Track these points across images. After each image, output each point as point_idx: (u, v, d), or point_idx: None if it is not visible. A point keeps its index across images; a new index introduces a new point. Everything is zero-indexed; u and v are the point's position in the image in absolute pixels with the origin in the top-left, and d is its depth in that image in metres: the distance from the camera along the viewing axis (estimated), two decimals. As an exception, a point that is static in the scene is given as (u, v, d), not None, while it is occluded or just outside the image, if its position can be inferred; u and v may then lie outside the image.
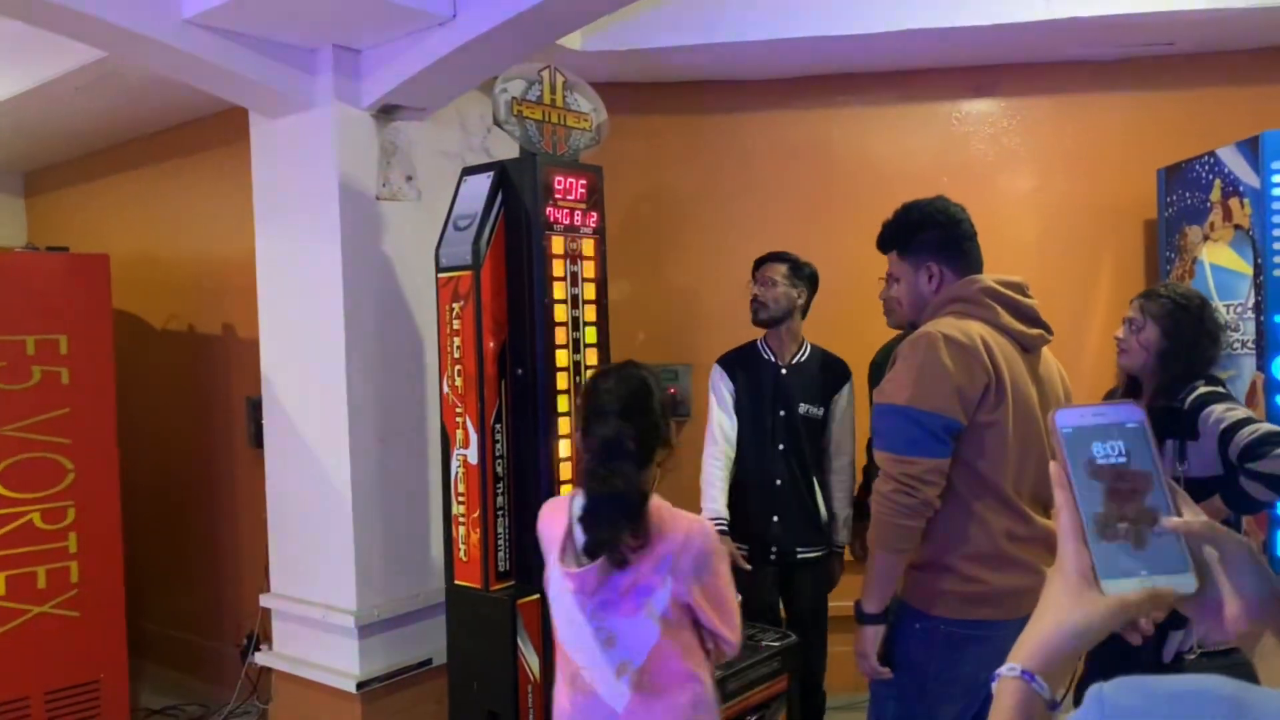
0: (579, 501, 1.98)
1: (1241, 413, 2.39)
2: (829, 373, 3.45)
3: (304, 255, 3.61)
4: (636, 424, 1.93)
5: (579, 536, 1.96)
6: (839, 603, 3.56)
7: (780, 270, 3.38)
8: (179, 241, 4.83)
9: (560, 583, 1.98)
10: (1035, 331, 2.27)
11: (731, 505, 3.36)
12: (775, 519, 3.33)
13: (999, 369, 2.15)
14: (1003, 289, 2.25)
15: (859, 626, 2.26)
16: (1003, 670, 0.81)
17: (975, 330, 2.17)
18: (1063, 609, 0.78)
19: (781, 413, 3.38)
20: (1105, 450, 0.80)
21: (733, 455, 3.42)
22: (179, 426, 4.83)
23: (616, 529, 1.88)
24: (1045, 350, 2.35)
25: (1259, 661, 0.76)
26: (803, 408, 3.38)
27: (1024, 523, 2.20)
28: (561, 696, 2.04)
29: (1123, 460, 0.80)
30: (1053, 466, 0.81)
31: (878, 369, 3.36)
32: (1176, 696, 0.65)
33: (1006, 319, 2.23)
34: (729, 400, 3.44)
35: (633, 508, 1.89)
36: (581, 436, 2.02)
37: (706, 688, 2.00)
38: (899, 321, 3.04)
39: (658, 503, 1.95)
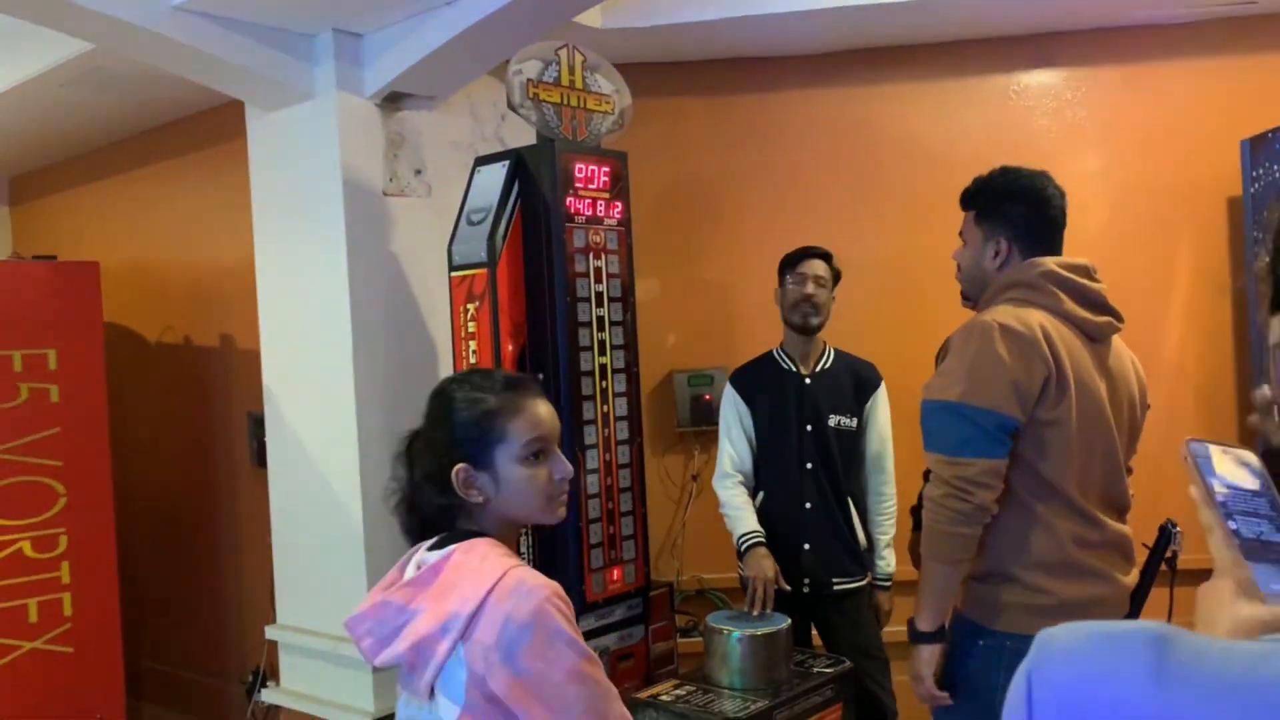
0: None
1: None
2: (860, 379, 3.36)
3: (307, 257, 3.63)
4: (424, 430, 1.77)
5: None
6: (895, 627, 3.52)
7: (823, 267, 3.34)
8: (173, 248, 4.88)
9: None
10: (1103, 319, 2.23)
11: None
12: (806, 546, 3.23)
13: (1060, 361, 2.12)
14: (1067, 273, 2.21)
15: (914, 647, 2.22)
16: None
17: (1035, 319, 2.14)
18: (1240, 607, 0.82)
19: (809, 428, 3.28)
20: (1233, 481, 0.87)
21: (750, 486, 3.35)
22: (176, 446, 4.87)
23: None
24: (1117, 340, 2.31)
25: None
26: (833, 419, 3.29)
27: (1094, 527, 2.17)
28: None
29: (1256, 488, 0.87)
30: (1192, 489, 0.86)
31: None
32: (1110, 635, 0.74)
33: (1070, 306, 2.19)
34: (740, 430, 3.35)
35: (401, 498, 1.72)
36: None
37: None
38: None
39: (485, 550, 1.57)
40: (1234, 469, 0.88)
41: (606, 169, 3.09)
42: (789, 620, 2.86)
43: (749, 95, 4.35)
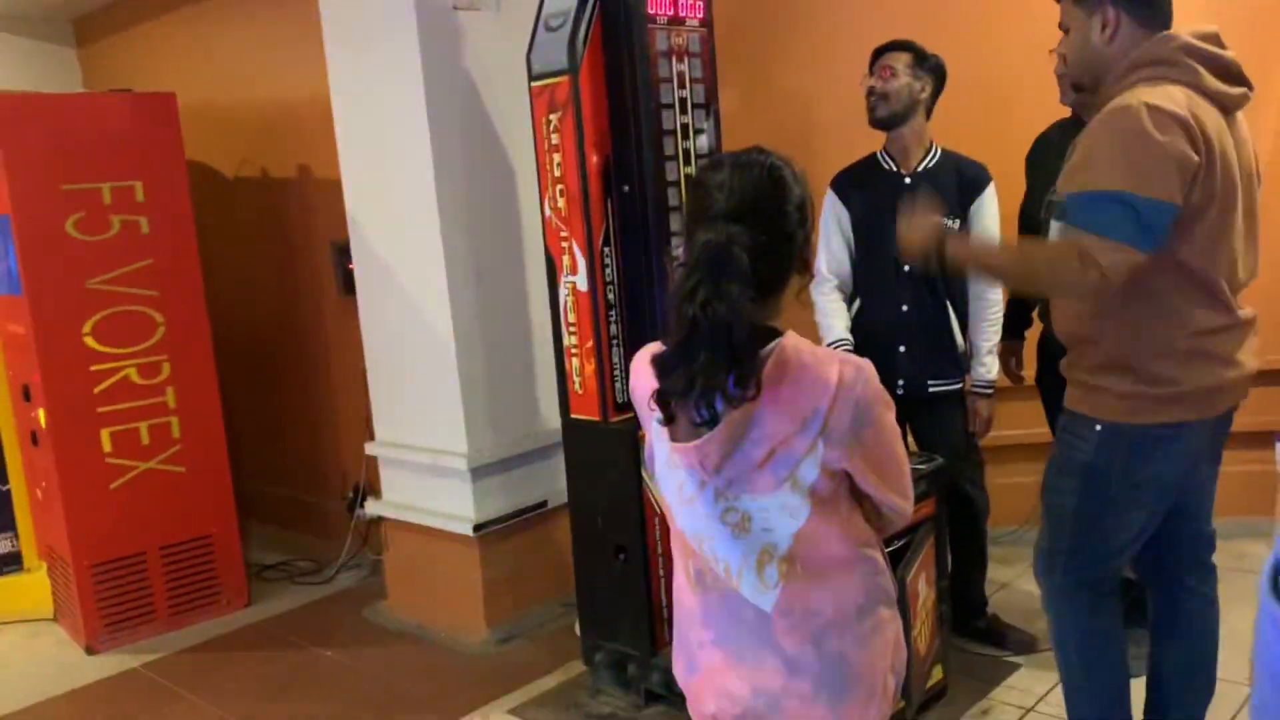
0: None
1: None
2: (964, 178, 3.20)
3: (381, 80, 3.55)
4: (757, 230, 1.48)
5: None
6: (1002, 431, 3.49)
7: (903, 59, 3.14)
8: (243, 82, 4.79)
9: (669, 458, 1.60)
10: (1238, 90, 2.08)
11: (853, 336, 3.25)
12: (901, 349, 3.18)
13: (1210, 141, 1.98)
14: (1201, 43, 2.05)
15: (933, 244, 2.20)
16: None
17: (1179, 96, 1.99)
18: None
19: None
20: None
21: (848, 291, 3.30)
22: (262, 277, 4.91)
23: (712, 373, 1.43)
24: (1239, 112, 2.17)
25: None
26: None
27: (1226, 312, 2.09)
28: (686, 597, 1.68)
29: None
30: None
31: (1037, 166, 3.16)
32: None
33: (1209, 80, 2.03)
34: (838, 232, 3.26)
35: (738, 345, 1.42)
36: (684, 248, 1.56)
37: (879, 569, 1.63)
38: (1070, 94, 2.83)
39: (795, 344, 1.51)
40: None
41: (688, -35, 2.93)
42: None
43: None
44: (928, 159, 3.21)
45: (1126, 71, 2.09)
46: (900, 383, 3.16)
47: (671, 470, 1.61)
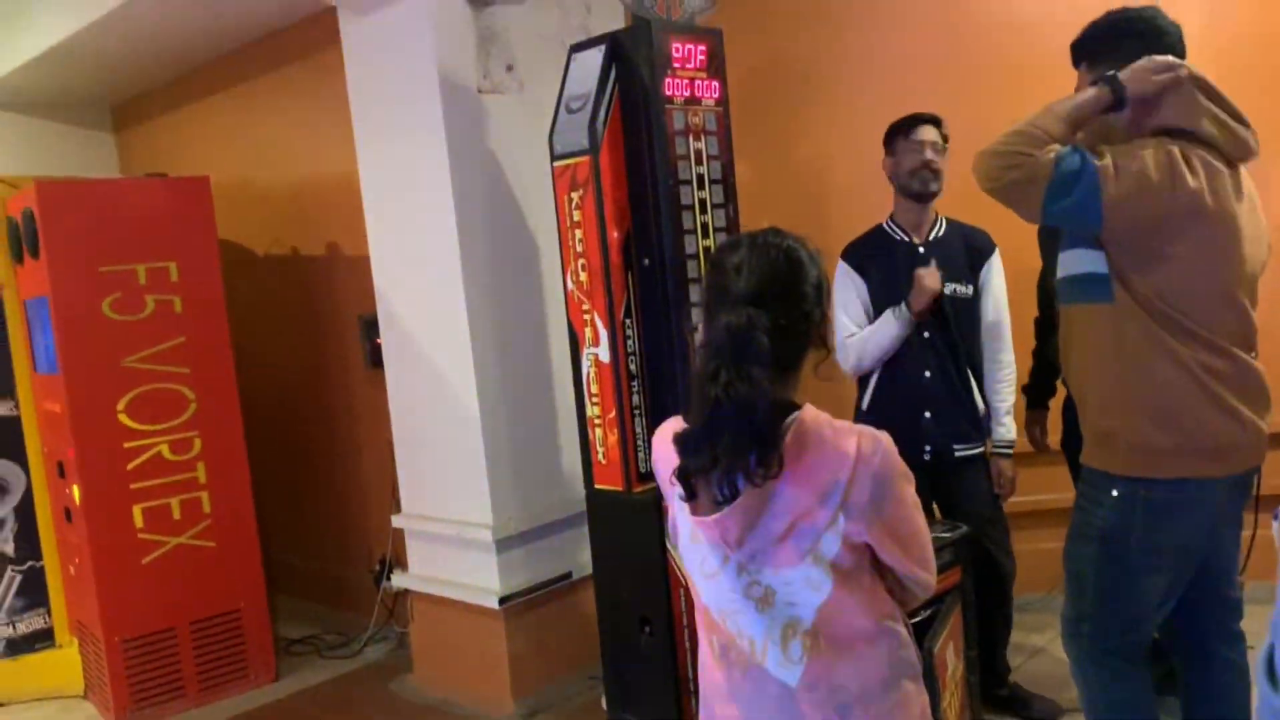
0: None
1: None
2: (971, 245, 3.27)
3: (408, 160, 3.65)
4: (776, 312, 1.52)
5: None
6: (1028, 497, 3.50)
7: (935, 133, 3.22)
8: (274, 163, 4.94)
9: (691, 533, 1.62)
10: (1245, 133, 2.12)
11: (878, 405, 3.26)
12: (927, 415, 3.19)
13: (1199, 186, 2.03)
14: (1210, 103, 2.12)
15: None
16: None
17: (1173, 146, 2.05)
18: None
19: None
20: None
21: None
22: (291, 352, 5.00)
23: (736, 453, 1.46)
24: (1244, 171, 2.17)
25: None
26: (948, 287, 3.21)
27: (1223, 358, 2.09)
28: (712, 672, 1.68)
29: None
30: None
31: (1049, 234, 3.19)
32: None
33: (1218, 135, 2.09)
34: (857, 301, 3.28)
35: (760, 425, 1.46)
36: (704, 329, 1.60)
37: (903, 641, 1.63)
38: None
39: (814, 416, 1.54)
40: None
41: (703, 47, 3.02)
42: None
43: (836, -31, 4.19)
44: (936, 228, 3.27)
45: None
46: (927, 449, 3.16)
47: (694, 545, 1.63)
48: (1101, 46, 2.23)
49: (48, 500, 4.24)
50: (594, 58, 3.01)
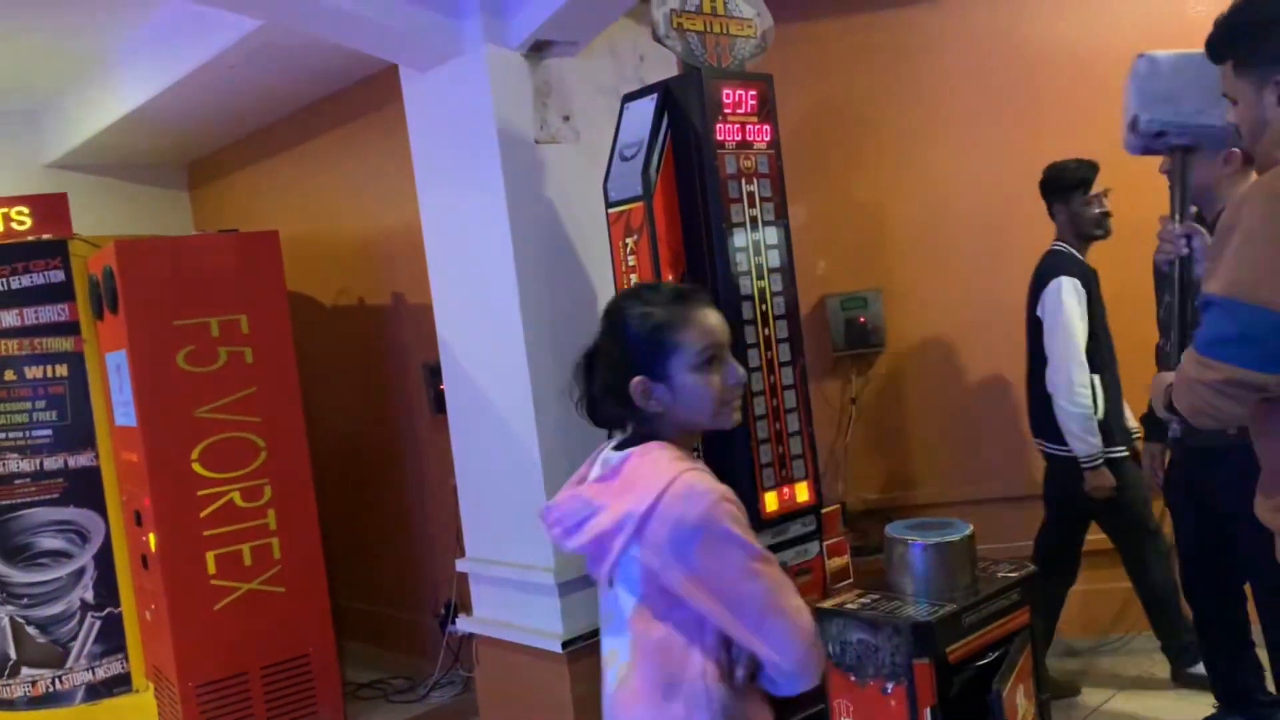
0: None
1: None
2: None
3: (469, 210, 3.72)
4: (601, 346, 1.82)
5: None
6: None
7: None
8: (341, 215, 5.08)
9: None
10: None
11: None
12: None
13: None
14: None
15: None
16: None
17: None
18: None
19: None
20: None
21: None
22: (358, 399, 5.10)
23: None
24: None
25: None
26: None
27: None
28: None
29: None
30: None
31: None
32: None
33: None
34: (1086, 319, 3.55)
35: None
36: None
37: (709, 704, 1.56)
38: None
39: (650, 450, 1.66)
40: None
41: (754, 92, 3.05)
42: (971, 528, 2.81)
43: (886, 11, 4.22)
44: None
45: (1274, 145, 1.80)
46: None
47: None
48: (1242, 41, 1.85)
49: (125, 548, 4.36)
50: (646, 106, 3.06)
